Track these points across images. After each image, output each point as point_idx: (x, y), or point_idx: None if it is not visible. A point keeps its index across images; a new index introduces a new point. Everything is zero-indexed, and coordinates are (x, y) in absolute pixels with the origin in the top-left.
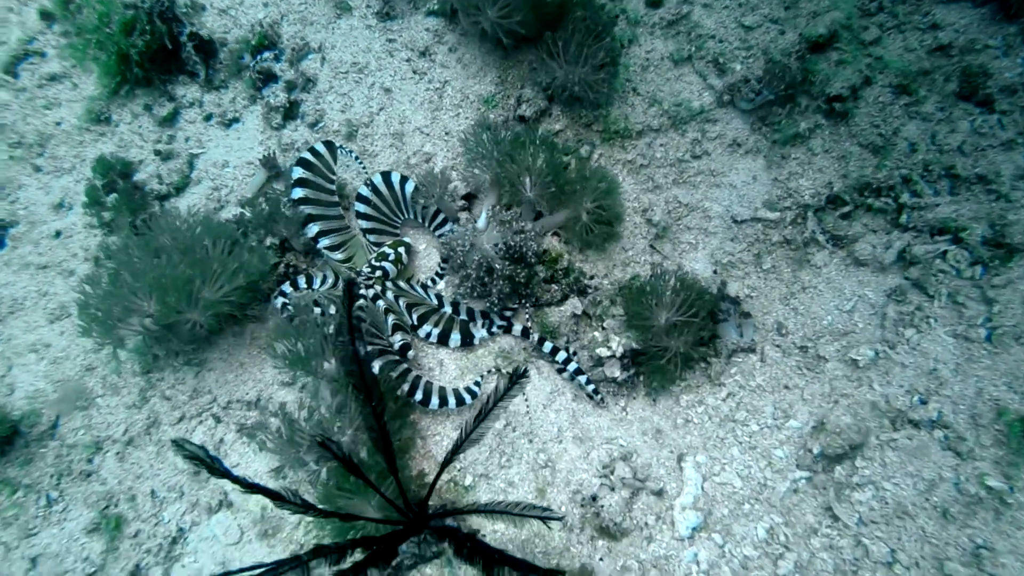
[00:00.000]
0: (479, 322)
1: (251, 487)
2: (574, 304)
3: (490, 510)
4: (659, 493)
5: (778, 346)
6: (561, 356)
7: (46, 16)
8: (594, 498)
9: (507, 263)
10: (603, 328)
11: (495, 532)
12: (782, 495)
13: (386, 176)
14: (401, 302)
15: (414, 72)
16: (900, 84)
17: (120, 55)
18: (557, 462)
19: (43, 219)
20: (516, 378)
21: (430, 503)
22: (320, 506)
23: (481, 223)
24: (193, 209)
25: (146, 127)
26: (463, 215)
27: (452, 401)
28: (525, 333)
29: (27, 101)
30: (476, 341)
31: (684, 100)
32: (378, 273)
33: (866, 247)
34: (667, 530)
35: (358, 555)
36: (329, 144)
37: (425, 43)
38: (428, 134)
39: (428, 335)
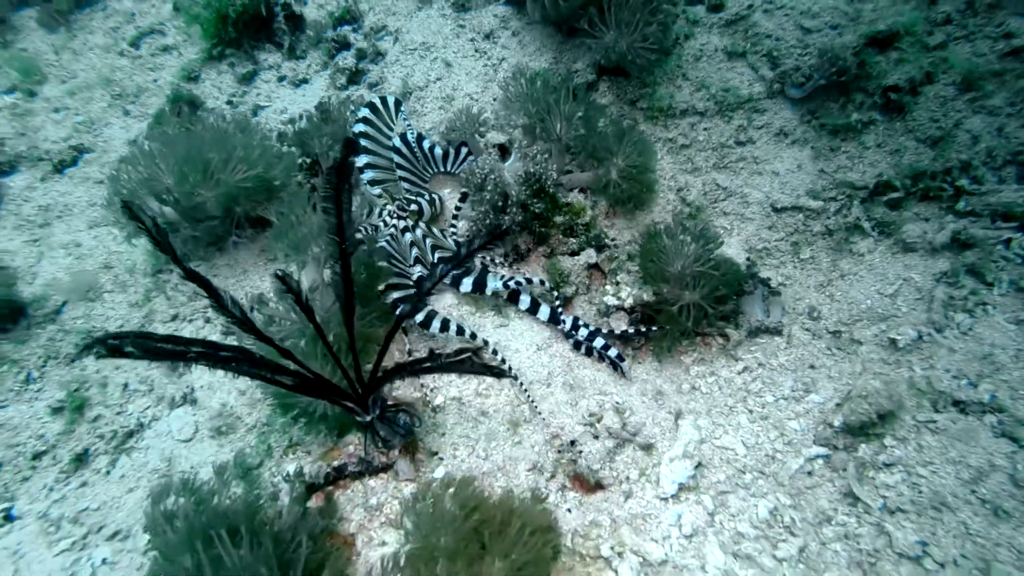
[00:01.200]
0: (497, 275)
1: (189, 273)
2: (589, 255)
3: (437, 366)
4: (647, 448)
5: (808, 329)
6: (599, 342)
7: (177, 9)
8: (573, 443)
9: (524, 189)
10: (616, 283)
11: (455, 458)
12: (793, 473)
13: (419, 137)
14: (428, 242)
15: (476, 51)
16: (965, 80)
17: (220, 15)
18: (540, 403)
19: (115, 149)
20: (497, 235)
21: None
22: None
23: (509, 163)
24: None
25: (226, 82)
26: None
27: (453, 328)
28: (554, 317)
29: (139, 65)
30: (488, 292)
31: (733, 87)
32: (413, 207)
33: (915, 229)
34: (650, 488)
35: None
36: (398, 101)
37: (491, 27)
38: (477, 100)
39: (456, 280)
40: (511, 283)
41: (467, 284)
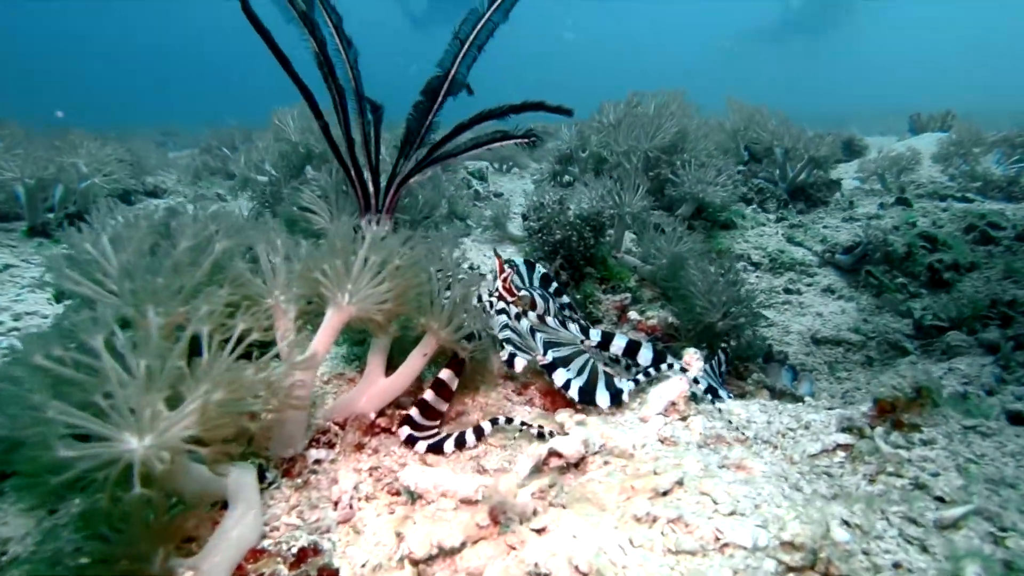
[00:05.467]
0: (622, 378)
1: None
2: (625, 296)
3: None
4: (639, 392)
5: (839, 400)
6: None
7: None
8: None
9: (581, 220)
10: (642, 311)
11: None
12: (807, 455)
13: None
14: (538, 336)
15: None
16: (1008, 270)
17: None
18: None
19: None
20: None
21: None
22: None
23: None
24: None
25: None
26: None
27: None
28: (658, 359)
29: None
30: (625, 397)
31: (787, 251)
32: (523, 293)
33: (960, 335)
34: (631, 414)
35: None
36: (531, 263)
37: None
38: None
39: (567, 385)
40: (640, 377)
41: (604, 396)
